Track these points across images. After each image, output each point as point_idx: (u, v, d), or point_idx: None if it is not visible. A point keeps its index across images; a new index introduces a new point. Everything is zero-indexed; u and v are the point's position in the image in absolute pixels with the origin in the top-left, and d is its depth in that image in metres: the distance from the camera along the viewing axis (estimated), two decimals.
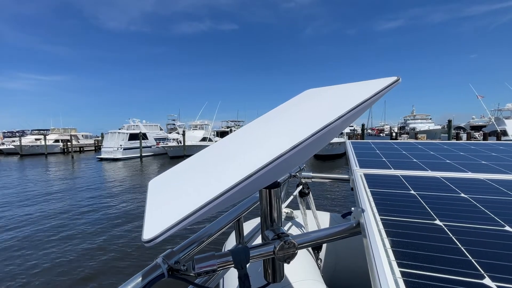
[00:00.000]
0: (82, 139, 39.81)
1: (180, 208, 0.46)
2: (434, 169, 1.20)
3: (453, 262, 0.51)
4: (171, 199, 0.54)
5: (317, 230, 0.77)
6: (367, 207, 0.77)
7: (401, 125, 55.46)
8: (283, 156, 0.49)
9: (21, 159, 28.54)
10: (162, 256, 0.62)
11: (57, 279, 4.89)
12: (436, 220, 0.68)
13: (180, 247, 0.69)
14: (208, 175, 0.57)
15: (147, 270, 0.58)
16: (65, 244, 6.31)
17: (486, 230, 0.62)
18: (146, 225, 0.46)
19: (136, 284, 0.55)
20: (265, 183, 0.66)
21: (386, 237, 0.60)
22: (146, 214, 0.52)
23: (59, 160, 27.33)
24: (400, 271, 0.48)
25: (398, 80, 0.64)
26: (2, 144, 36.37)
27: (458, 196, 0.85)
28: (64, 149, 34.73)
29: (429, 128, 40.68)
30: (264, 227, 0.75)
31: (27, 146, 32.97)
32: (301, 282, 1.12)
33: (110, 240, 6.50)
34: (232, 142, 0.77)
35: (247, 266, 0.62)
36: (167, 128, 45.42)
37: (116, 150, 26.59)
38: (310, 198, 1.68)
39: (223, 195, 0.45)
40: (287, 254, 0.65)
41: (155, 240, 0.42)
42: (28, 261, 5.50)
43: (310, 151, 0.66)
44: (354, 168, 1.26)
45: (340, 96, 0.70)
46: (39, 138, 35.28)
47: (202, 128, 36.35)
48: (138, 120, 34.00)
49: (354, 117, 0.62)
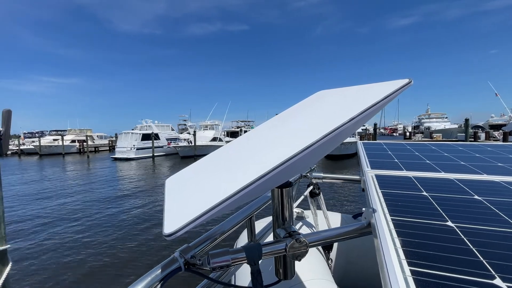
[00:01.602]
0: (97, 139, 41.01)
1: (198, 204, 0.49)
2: (448, 171, 1.19)
3: (464, 262, 0.51)
4: (189, 195, 0.57)
5: (328, 229, 0.79)
6: (378, 208, 0.78)
7: (415, 125, 53.93)
8: (295, 157, 0.51)
9: (40, 159, 29.70)
10: (179, 250, 0.66)
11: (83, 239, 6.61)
12: (448, 221, 0.69)
13: (196, 243, 0.72)
14: (224, 174, 0.60)
15: (166, 263, 0.62)
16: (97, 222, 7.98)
17: (499, 232, 0.63)
18: (166, 220, 0.50)
19: (155, 276, 0.59)
20: (277, 183, 0.69)
21: (397, 236, 0.62)
22: (165, 210, 0.55)
23: (76, 159, 28.27)
24: (410, 270, 0.49)
25: (410, 82, 0.65)
26: (23, 144, 37.97)
27: (472, 198, 0.85)
28: (80, 149, 35.87)
29: (444, 127, 39.38)
30: (275, 225, 0.78)
31: (46, 146, 34.30)
32: (311, 281, 1.14)
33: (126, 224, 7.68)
34: (246, 143, 0.79)
35: (262, 266, 0.65)
36: (179, 128, 46.07)
37: (130, 150, 27.24)
38: (321, 199, 1.69)
39: (239, 192, 0.48)
40: (298, 252, 0.67)
41: (176, 234, 0.45)
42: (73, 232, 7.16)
43: (322, 152, 0.68)
44: (366, 169, 1.27)
45: (352, 98, 0.71)
46: (57, 139, 36.65)
47: (213, 128, 36.71)
48: (151, 120, 34.73)
49: (365, 119, 0.64)
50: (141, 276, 0.59)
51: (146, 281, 0.58)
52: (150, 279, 0.59)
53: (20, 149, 35.92)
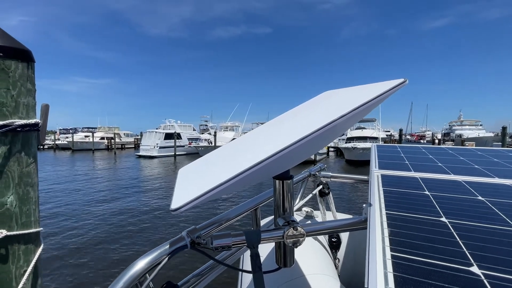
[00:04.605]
0: (124, 137, 43.18)
1: (201, 186, 0.57)
2: (457, 173, 1.17)
3: (447, 252, 0.54)
4: (195, 180, 0.65)
5: (326, 221, 0.83)
6: (376, 203, 0.81)
7: (446, 131, 50.82)
8: (287, 148, 0.57)
9: (72, 154, 31.85)
10: (187, 230, 0.74)
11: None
12: (442, 217, 0.70)
13: (202, 226, 0.80)
14: (226, 163, 0.67)
15: (174, 240, 0.70)
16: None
17: (491, 229, 0.64)
18: (174, 198, 0.58)
19: (164, 250, 0.67)
20: (276, 171, 0.75)
21: (387, 227, 0.65)
22: (175, 191, 0.64)
23: (104, 155, 29.97)
24: (392, 255, 0.53)
25: (405, 81, 0.68)
26: (58, 139, 40.98)
27: (474, 198, 0.85)
28: (108, 146, 37.99)
29: (478, 135, 36.75)
30: (276, 215, 0.83)
31: (78, 142, 36.73)
32: (314, 275, 1.18)
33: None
34: (250, 138, 0.87)
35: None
36: (200, 129, 47.25)
37: (153, 148, 28.37)
38: (330, 199, 1.71)
39: (236, 177, 0.55)
40: (296, 239, 0.72)
41: (180, 209, 0.53)
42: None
43: (318, 144, 0.73)
44: (373, 169, 1.28)
45: (350, 97, 0.76)
46: (88, 135, 39.13)
47: (233, 129, 37.21)
48: (174, 120, 35.99)
49: (358, 116, 0.68)
50: (152, 249, 0.68)
51: (155, 253, 0.67)
52: (159, 252, 0.67)
53: (56, 144, 38.80)
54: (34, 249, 1.03)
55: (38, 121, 1.00)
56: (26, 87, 0.98)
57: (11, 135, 0.93)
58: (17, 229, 0.97)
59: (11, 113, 0.93)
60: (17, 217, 0.97)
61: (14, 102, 0.94)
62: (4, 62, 0.91)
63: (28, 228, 1.00)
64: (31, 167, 1.00)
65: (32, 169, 1.01)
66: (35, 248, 1.03)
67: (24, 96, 0.97)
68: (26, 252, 1.00)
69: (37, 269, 1.05)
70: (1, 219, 0.93)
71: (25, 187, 0.98)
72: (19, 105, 0.95)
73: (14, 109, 0.94)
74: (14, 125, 0.92)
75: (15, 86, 0.94)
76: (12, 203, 0.95)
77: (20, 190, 0.97)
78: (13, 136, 0.94)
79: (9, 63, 0.92)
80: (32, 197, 1.01)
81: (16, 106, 0.94)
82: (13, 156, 0.94)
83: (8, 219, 0.95)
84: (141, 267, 0.63)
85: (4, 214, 0.94)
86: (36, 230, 1.02)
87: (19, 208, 0.97)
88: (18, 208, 0.97)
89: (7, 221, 0.94)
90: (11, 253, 0.97)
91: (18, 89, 0.94)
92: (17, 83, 0.94)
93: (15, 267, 0.97)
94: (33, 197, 1.02)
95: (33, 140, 1.01)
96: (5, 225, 0.94)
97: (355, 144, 23.42)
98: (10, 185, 0.95)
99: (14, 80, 0.93)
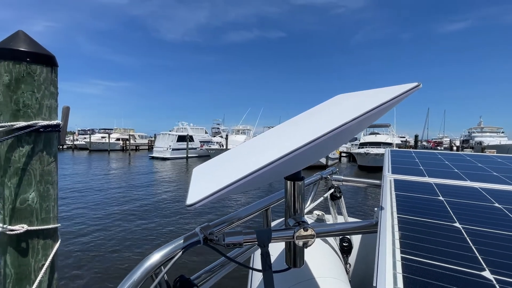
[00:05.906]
0: (138, 138, 44.35)
1: (215, 184, 0.58)
2: (474, 180, 1.13)
3: (459, 256, 0.53)
4: (209, 178, 0.67)
5: (336, 223, 0.83)
6: (387, 206, 0.80)
7: (465, 138, 48.85)
8: (299, 149, 0.58)
9: (89, 154, 32.97)
10: (200, 227, 0.76)
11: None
12: (456, 222, 0.69)
13: (215, 223, 0.82)
14: (239, 162, 0.69)
15: (187, 236, 0.72)
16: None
17: (507, 236, 0.61)
18: (189, 195, 0.60)
19: (178, 245, 0.69)
20: (286, 172, 0.75)
21: (398, 230, 0.64)
22: (190, 187, 0.66)
23: (119, 156, 30.83)
24: (402, 257, 0.53)
25: (419, 85, 0.67)
26: (77, 140, 42.62)
27: (491, 205, 0.82)
28: (123, 147, 39.08)
29: (500, 142, 35.08)
30: (287, 215, 0.84)
31: (95, 143, 38.03)
32: (324, 279, 1.16)
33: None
34: (263, 139, 0.88)
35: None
36: (212, 132, 47.80)
37: (166, 150, 28.94)
38: (342, 203, 1.68)
39: (249, 175, 0.56)
40: (305, 239, 0.73)
41: (195, 205, 0.55)
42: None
43: (328, 147, 0.73)
44: (386, 174, 1.26)
45: (363, 100, 0.76)
46: (104, 136, 40.48)
47: (244, 133, 37.40)
48: (186, 123, 36.59)
49: (371, 119, 0.68)
50: (166, 243, 0.70)
51: (170, 247, 0.69)
52: (174, 246, 0.69)
53: (74, 144, 40.34)
54: (52, 244, 1.08)
55: (60, 122, 1.06)
56: (50, 90, 1.04)
57: (34, 135, 0.99)
58: (37, 224, 1.02)
59: (35, 115, 0.99)
60: (38, 213, 1.02)
61: (38, 104, 0.99)
62: (31, 66, 0.97)
63: (47, 224, 1.04)
64: (51, 165, 1.06)
65: (53, 167, 1.06)
66: (53, 243, 1.08)
67: (48, 98, 1.03)
68: (45, 247, 1.05)
69: (54, 263, 1.10)
70: (23, 215, 0.99)
71: (46, 185, 1.03)
72: (42, 107, 1.01)
73: (38, 111, 0.99)
74: (37, 126, 0.98)
75: (40, 89, 1.00)
76: (34, 199, 1.01)
77: (41, 187, 1.02)
78: (36, 136, 0.99)
79: (34, 67, 0.98)
80: (52, 195, 1.07)
81: (40, 108, 1.00)
82: (35, 155, 1.00)
83: (29, 215, 1.00)
84: (157, 259, 0.65)
85: (26, 210, 0.99)
86: (54, 226, 1.07)
87: (39, 204, 1.02)
88: (38, 204, 1.02)
89: (28, 216, 1.00)
90: (31, 247, 1.02)
91: (42, 92, 1.00)
92: (41, 87, 1.00)
93: (34, 260, 1.02)
94: (52, 194, 1.07)
95: (54, 140, 1.07)
96: (26, 220, 0.99)
97: (368, 149, 22.95)
98: (32, 183, 1.00)
99: (39, 83, 0.99)
